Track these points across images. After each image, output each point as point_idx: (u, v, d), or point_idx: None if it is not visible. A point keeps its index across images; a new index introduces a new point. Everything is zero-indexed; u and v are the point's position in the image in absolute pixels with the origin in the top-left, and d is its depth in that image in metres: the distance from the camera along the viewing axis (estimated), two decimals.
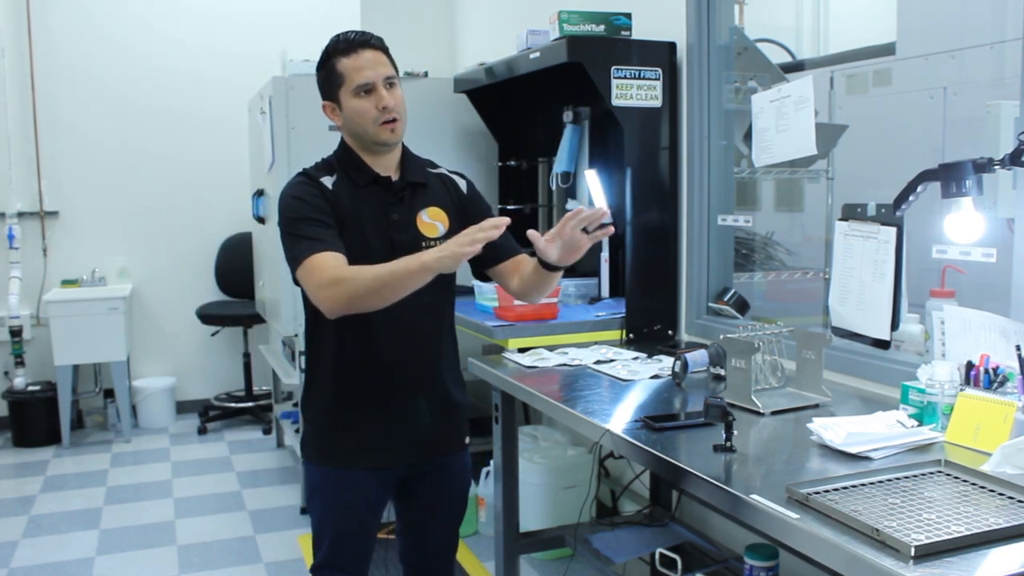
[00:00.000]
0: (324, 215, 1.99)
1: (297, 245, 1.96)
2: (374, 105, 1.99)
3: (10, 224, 5.50)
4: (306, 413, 2.17)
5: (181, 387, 5.94)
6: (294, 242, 1.97)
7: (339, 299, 1.88)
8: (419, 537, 2.27)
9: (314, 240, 1.94)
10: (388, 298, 1.88)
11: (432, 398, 2.15)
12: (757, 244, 3.27)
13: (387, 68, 2.03)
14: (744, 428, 1.98)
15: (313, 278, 1.91)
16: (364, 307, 1.90)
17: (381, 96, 1.99)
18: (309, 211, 1.98)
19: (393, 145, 2.07)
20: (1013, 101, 2.00)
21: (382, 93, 2.00)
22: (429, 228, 2.09)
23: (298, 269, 1.95)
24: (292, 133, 3.89)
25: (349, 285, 1.86)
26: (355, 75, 1.99)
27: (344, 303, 1.88)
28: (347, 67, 1.99)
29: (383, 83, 2.00)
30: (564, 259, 2.02)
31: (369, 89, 1.99)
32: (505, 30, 4.45)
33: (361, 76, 1.99)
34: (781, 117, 2.59)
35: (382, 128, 2.01)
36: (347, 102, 2.02)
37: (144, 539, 3.92)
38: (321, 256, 1.92)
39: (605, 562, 2.77)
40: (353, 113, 2.02)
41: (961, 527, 1.38)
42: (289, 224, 2.00)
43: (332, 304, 1.89)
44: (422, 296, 1.93)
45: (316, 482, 2.14)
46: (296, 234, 1.97)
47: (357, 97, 2.00)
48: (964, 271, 2.20)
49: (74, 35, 5.62)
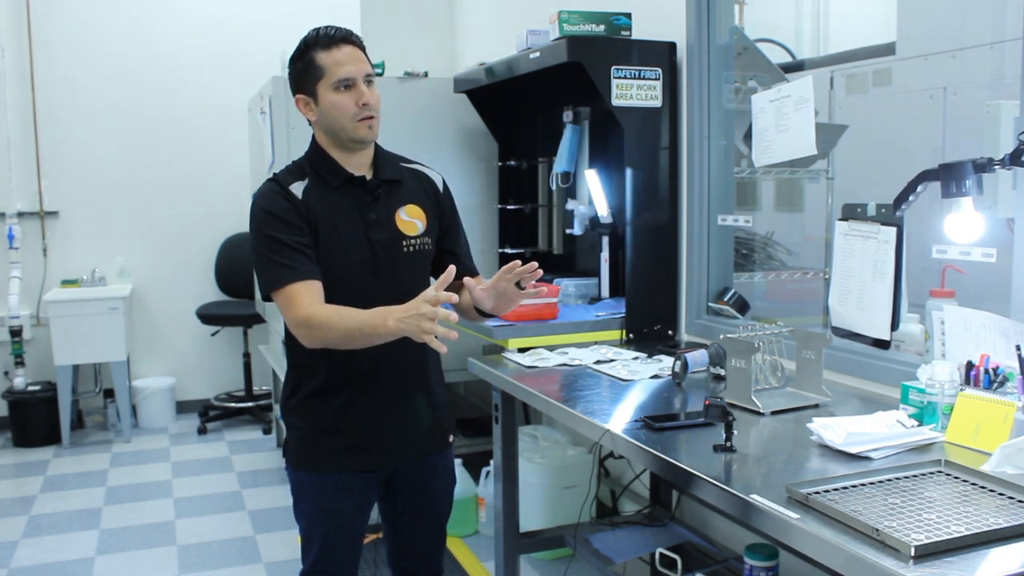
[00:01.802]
0: (298, 235, 1.97)
1: (271, 271, 1.96)
2: (354, 101, 1.98)
3: (10, 224, 5.50)
4: (290, 419, 2.14)
5: (181, 387, 5.94)
6: (268, 267, 1.97)
7: (312, 341, 1.94)
8: (407, 538, 2.26)
9: (287, 268, 1.94)
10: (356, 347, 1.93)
11: (418, 397, 2.14)
12: (757, 244, 3.28)
13: (367, 65, 2.02)
14: (744, 428, 1.98)
15: (288, 313, 1.95)
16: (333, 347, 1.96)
17: (362, 92, 1.98)
18: (282, 231, 1.96)
19: (368, 142, 2.05)
20: (1013, 101, 2.00)
21: (362, 89, 1.98)
22: (408, 226, 2.09)
23: (272, 295, 1.98)
24: (292, 133, 3.89)
25: (320, 333, 1.91)
26: (336, 69, 1.97)
27: (317, 344, 1.95)
28: (327, 61, 1.98)
29: (363, 79, 1.99)
30: (497, 309, 2.08)
31: (349, 84, 1.98)
32: (505, 30, 4.45)
33: (343, 70, 1.97)
34: (781, 117, 2.59)
35: (360, 124, 1.99)
36: (325, 96, 1.99)
37: (144, 539, 3.92)
38: (295, 289, 1.93)
39: (605, 562, 2.77)
40: (330, 107, 1.99)
41: (961, 527, 1.38)
42: (262, 243, 1.98)
43: (306, 343, 1.95)
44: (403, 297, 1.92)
45: (303, 488, 2.13)
46: (269, 258, 1.96)
47: (336, 92, 1.98)
48: (964, 271, 2.20)
49: (74, 35, 5.62)
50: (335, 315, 1.90)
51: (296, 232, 1.97)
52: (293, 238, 1.96)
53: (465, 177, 4.21)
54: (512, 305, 2.07)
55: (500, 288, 2.00)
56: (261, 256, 1.99)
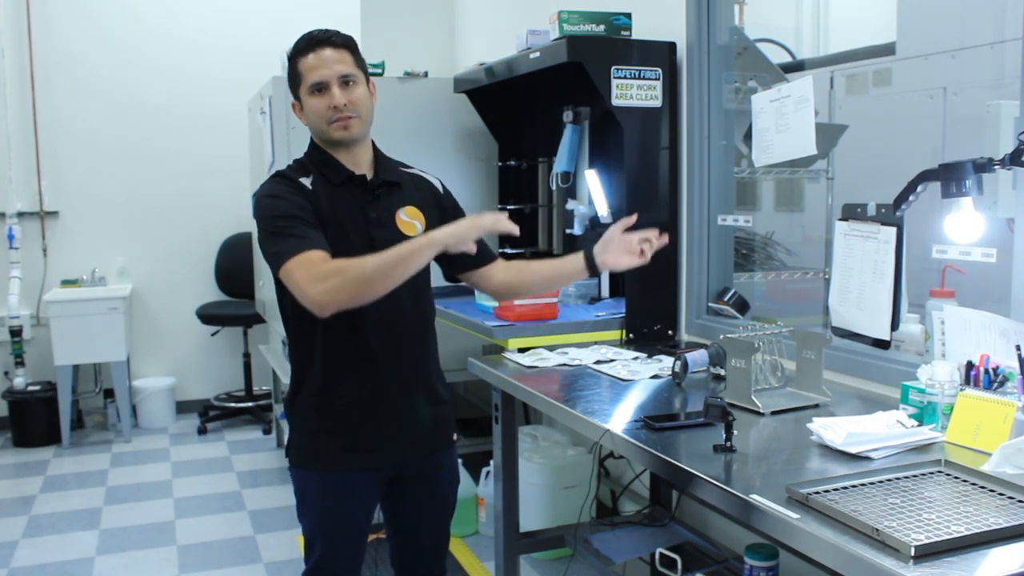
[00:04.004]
0: (306, 212, 1.96)
1: (281, 242, 1.90)
2: (326, 104, 1.99)
3: (10, 224, 5.50)
4: (294, 419, 2.14)
5: (181, 387, 5.94)
6: (276, 240, 1.92)
7: (339, 290, 1.83)
8: (410, 538, 2.25)
9: (299, 238, 1.90)
10: (393, 282, 1.86)
11: (421, 396, 2.14)
12: (757, 244, 3.28)
13: (345, 66, 2.01)
14: (744, 428, 1.98)
15: (304, 273, 1.85)
16: (364, 296, 1.86)
17: (333, 95, 1.99)
18: (289, 208, 1.95)
19: (348, 143, 2.04)
20: (1013, 101, 2.00)
21: (333, 92, 1.99)
22: (407, 227, 2.09)
23: (283, 265, 1.88)
24: (292, 133, 3.89)
25: (352, 272, 1.83)
26: (309, 74, 2.00)
27: (346, 293, 1.83)
28: (304, 66, 2.01)
29: (337, 81, 1.99)
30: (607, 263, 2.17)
31: (322, 88, 1.99)
32: (505, 30, 4.45)
33: (314, 75, 1.99)
34: (781, 117, 2.59)
35: (333, 127, 2.01)
36: (306, 101, 2.03)
37: (144, 539, 3.92)
38: (309, 254, 1.88)
39: (605, 562, 2.77)
40: (309, 111, 2.03)
41: (961, 527, 1.38)
42: (269, 222, 1.95)
43: (327, 297, 1.83)
44: (405, 294, 1.93)
45: (306, 488, 2.12)
46: (278, 231, 1.92)
47: (311, 96, 2.00)
48: (964, 271, 2.20)
49: (74, 35, 5.62)
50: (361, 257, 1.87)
51: (305, 211, 1.96)
52: (302, 215, 1.95)
53: (465, 177, 4.21)
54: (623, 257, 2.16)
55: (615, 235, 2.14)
56: (269, 234, 1.94)
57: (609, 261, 2.15)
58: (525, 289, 2.26)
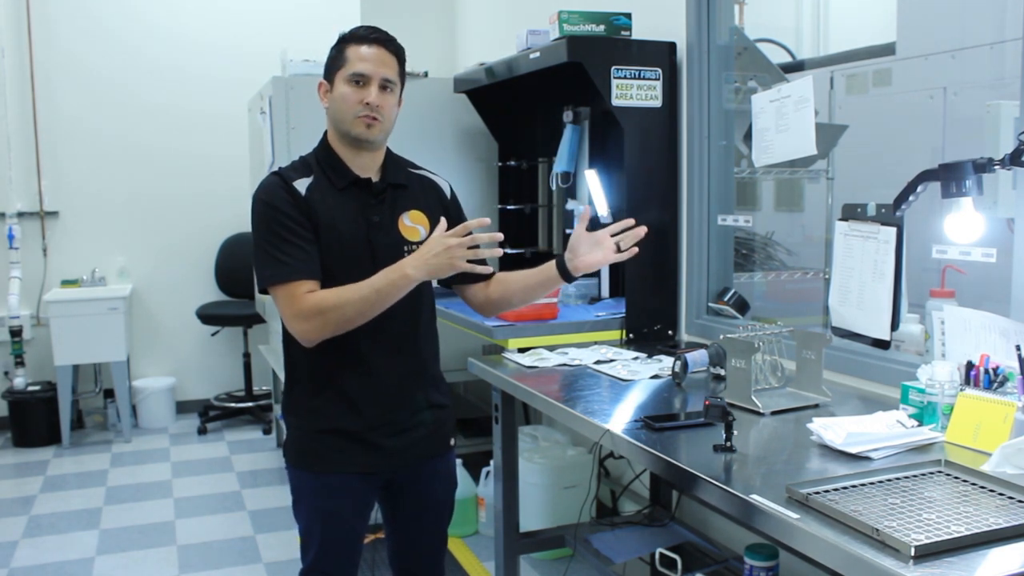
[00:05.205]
0: (300, 228, 1.97)
1: (269, 265, 1.96)
2: (359, 98, 1.99)
3: (10, 224, 5.50)
4: (289, 419, 2.14)
5: (181, 387, 5.94)
6: (265, 260, 1.97)
7: (322, 329, 1.93)
8: (408, 540, 2.25)
9: (286, 264, 1.94)
10: (373, 314, 1.94)
11: (416, 399, 2.12)
12: (757, 244, 3.28)
13: (389, 71, 2.01)
14: (744, 428, 1.98)
15: (287, 308, 1.94)
16: (346, 329, 1.95)
17: (370, 91, 1.98)
18: (284, 222, 1.96)
19: (367, 142, 2.03)
20: (1013, 101, 2.00)
21: (372, 89, 1.99)
22: (411, 232, 2.08)
23: (268, 290, 1.98)
24: (292, 133, 3.89)
25: (333, 315, 1.91)
26: (356, 62, 1.99)
27: (328, 331, 1.94)
28: (352, 53, 2.00)
29: (379, 81, 1.99)
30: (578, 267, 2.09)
31: (361, 81, 1.99)
32: (505, 30, 4.45)
33: (361, 65, 1.99)
34: (781, 117, 2.59)
35: (358, 121, 2.00)
36: (338, 86, 2.01)
37: (144, 539, 3.92)
38: (293, 286, 1.93)
39: (605, 562, 2.77)
40: (338, 98, 2.01)
41: (961, 527, 1.38)
42: (261, 234, 1.98)
43: (310, 336, 1.95)
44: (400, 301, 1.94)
45: (301, 488, 2.12)
46: (269, 252, 1.96)
47: (347, 83, 2.00)
48: (964, 271, 2.20)
49: (74, 35, 5.62)
50: (343, 291, 1.92)
51: (298, 227, 1.97)
52: (293, 237, 1.96)
53: (465, 177, 4.21)
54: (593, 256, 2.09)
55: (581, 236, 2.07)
56: (261, 250, 1.99)
57: (580, 264, 2.07)
58: (506, 302, 2.21)
